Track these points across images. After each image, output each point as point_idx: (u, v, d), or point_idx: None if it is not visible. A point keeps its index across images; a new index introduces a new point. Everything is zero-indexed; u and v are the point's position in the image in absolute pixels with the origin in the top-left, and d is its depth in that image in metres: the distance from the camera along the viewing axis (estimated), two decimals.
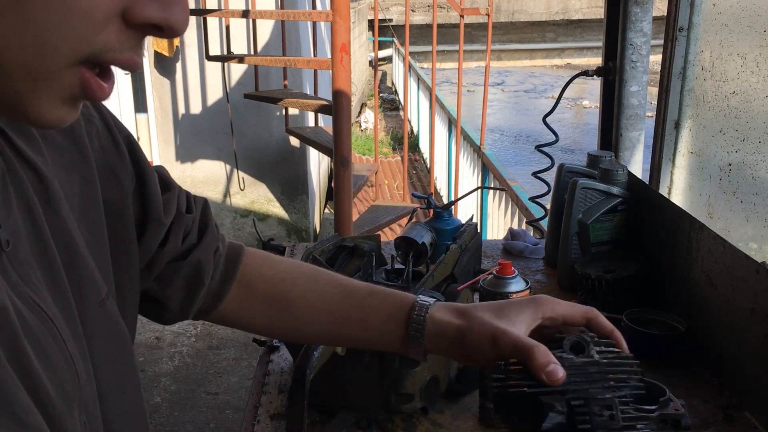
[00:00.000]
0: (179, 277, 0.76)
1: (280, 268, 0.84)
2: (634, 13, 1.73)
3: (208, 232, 0.79)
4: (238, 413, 3.05)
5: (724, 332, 1.12)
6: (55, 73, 0.43)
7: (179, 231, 0.76)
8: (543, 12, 18.10)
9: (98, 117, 0.65)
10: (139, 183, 0.69)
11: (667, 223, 1.32)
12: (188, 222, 0.77)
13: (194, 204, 0.80)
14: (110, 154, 0.65)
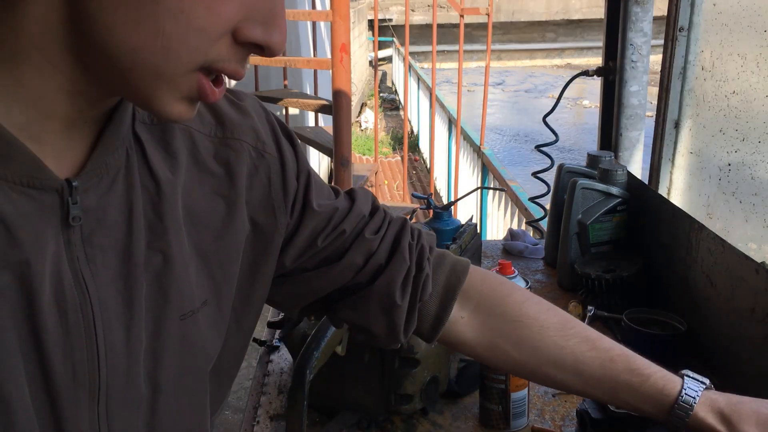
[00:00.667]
0: (372, 303, 0.79)
1: (523, 308, 0.83)
2: (634, 13, 1.73)
3: (398, 254, 0.80)
4: (238, 413, 3.05)
5: (724, 332, 1.12)
6: (177, 76, 0.51)
7: (359, 252, 0.78)
8: (543, 12, 18.10)
9: (276, 157, 0.72)
10: (300, 216, 0.75)
11: (667, 223, 1.32)
12: (372, 243, 0.79)
13: (387, 226, 0.81)
14: (276, 191, 0.72)
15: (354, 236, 0.79)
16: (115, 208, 0.58)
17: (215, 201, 0.67)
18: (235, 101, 0.72)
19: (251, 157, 0.70)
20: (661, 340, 1.20)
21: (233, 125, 0.70)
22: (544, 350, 0.81)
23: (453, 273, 0.83)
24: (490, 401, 1.04)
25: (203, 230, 0.66)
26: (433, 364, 1.06)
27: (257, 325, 0.79)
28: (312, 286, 0.79)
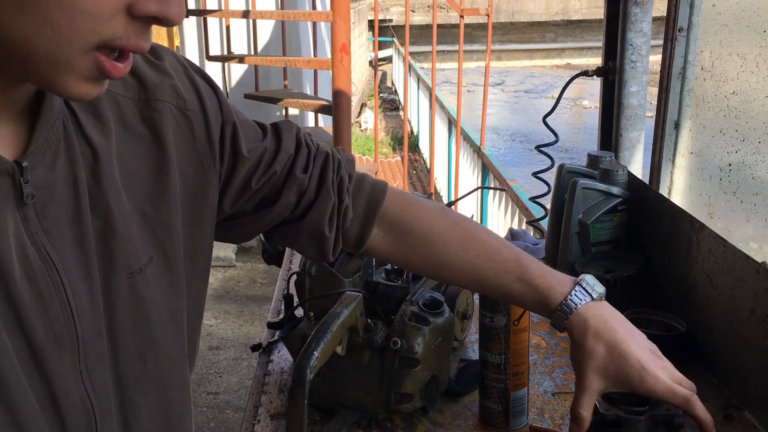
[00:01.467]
0: (303, 236, 0.88)
1: (429, 226, 0.92)
2: (634, 13, 1.73)
3: (323, 189, 0.87)
4: (238, 413, 3.05)
5: (724, 332, 1.12)
6: (72, 59, 0.52)
7: (291, 191, 0.85)
8: (543, 12, 18.10)
9: (199, 113, 0.75)
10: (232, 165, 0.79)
11: (667, 223, 1.32)
12: (302, 181, 0.86)
13: (313, 162, 0.88)
14: (202, 145, 0.76)
15: (285, 175, 0.85)
16: (61, 180, 0.61)
17: (147, 162, 0.70)
18: (154, 62, 0.73)
19: (174, 116, 0.73)
20: (661, 340, 1.19)
21: (154, 86, 0.72)
22: (447, 263, 0.91)
23: (372, 198, 0.92)
24: (489, 400, 1.04)
25: (140, 191, 0.69)
26: (433, 363, 1.06)
27: (258, 325, 0.81)
28: (254, 228, 0.86)
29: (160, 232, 0.70)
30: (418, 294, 1.11)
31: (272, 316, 1.43)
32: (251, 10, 3.73)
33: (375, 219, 0.92)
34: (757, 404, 1.03)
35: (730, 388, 1.10)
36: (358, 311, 1.03)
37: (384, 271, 1.26)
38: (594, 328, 0.84)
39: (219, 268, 4.80)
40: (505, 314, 1.01)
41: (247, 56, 4.19)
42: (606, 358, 0.83)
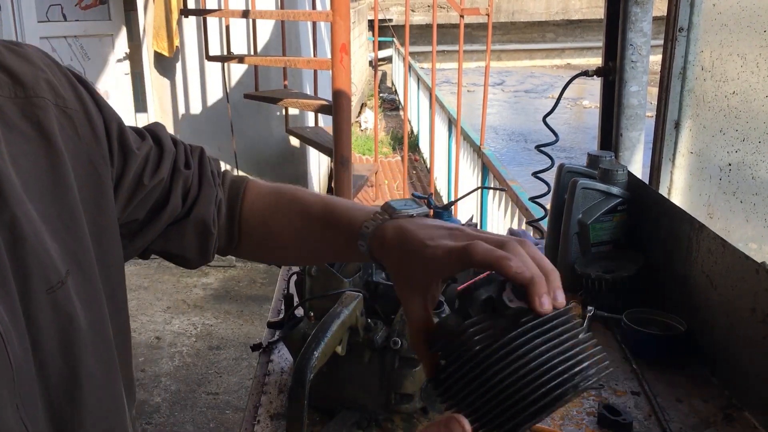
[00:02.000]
0: (189, 233, 0.81)
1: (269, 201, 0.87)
2: (634, 13, 1.73)
3: (205, 182, 0.83)
4: (238, 413, 3.05)
5: (724, 332, 1.12)
6: None
7: (178, 189, 0.79)
8: (543, 12, 18.10)
9: (80, 110, 0.69)
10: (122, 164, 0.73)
11: (667, 223, 1.32)
12: (187, 177, 0.81)
13: (191, 156, 0.83)
14: (89, 143, 0.69)
15: (171, 173, 0.80)
16: None
17: (40, 163, 0.63)
18: (17, 51, 0.66)
19: (56, 114, 0.66)
20: (661, 340, 1.20)
21: (30, 82, 0.64)
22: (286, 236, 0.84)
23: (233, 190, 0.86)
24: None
25: (40, 195, 0.62)
26: None
27: (258, 325, 0.80)
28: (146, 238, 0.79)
29: (69, 240, 0.63)
30: None
31: (272, 316, 1.43)
32: (251, 10, 3.73)
33: (237, 214, 0.85)
34: (757, 404, 1.03)
35: (730, 388, 1.10)
36: (358, 311, 1.03)
37: (384, 271, 1.26)
38: (391, 241, 0.68)
39: (219, 268, 4.80)
40: None
41: (246, 56, 4.19)
42: (400, 261, 0.67)
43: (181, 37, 4.69)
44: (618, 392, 1.12)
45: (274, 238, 0.86)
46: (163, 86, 4.83)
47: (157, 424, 3.04)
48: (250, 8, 3.83)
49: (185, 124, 4.87)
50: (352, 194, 3.25)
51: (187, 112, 4.86)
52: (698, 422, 1.03)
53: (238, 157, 4.83)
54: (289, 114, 4.32)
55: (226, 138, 4.79)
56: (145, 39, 4.79)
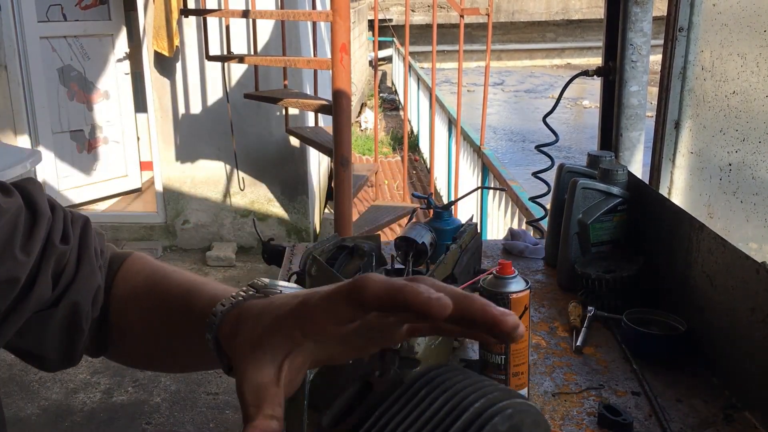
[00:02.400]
0: (53, 327, 0.61)
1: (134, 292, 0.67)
2: (634, 13, 1.73)
3: (85, 263, 0.63)
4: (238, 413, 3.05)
5: (724, 332, 1.12)
6: None
7: (49, 270, 0.60)
8: (543, 12, 18.09)
9: None
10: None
11: (667, 223, 1.32)
12: (62, 254, 0.61)
13: (71, 228, 0.64)
14: None
15: (43, 247, 0.60)
16: None
17: None
18: None
19: None
20: (661, 340, 1.20)
21: None
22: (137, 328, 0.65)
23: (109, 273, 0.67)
24: None
25: None
26: (433, 363, 1.06)
27: None
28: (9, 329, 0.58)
29: None
30: None
31: None
32: (251, 10, 3.73)
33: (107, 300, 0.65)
34: (757, 404, 1.03)
35: (730, 388, 1.10)
36: None
37: (384, 271, 1.26)
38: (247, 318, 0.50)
39: (219, 268, 4.80)
40: None
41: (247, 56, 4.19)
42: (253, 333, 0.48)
43: (181, 37, 4.69)
44: (618, 392, 1.12)
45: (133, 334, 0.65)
46: (163, 86, 4.83)
47: (156, 424, 3.04)
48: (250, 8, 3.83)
49: (185, 124, 4.88)
50: (352, 194, 3.25)
51: (187, 112, 4.86)
52: (698, 422, 1.03)
53: (237, 157, 4.83)
54: (289, 114, 4.32)
55: (226, 138, 4.78)
56: (145, 39, 4.79)
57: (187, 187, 5.01)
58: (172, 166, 4.95)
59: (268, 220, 5.05)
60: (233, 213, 5.06)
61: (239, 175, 4.92)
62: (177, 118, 4.87)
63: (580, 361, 1.21)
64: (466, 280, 1.25)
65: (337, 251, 1.28)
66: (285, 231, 5.06)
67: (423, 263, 1.31)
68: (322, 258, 1.22)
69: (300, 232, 5.06)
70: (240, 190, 4.97)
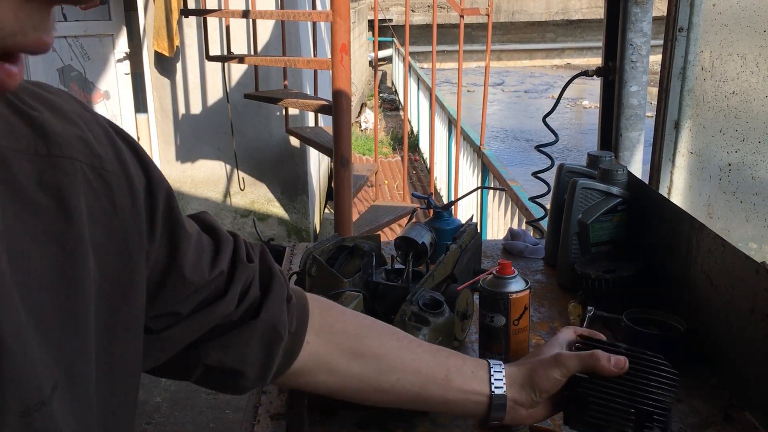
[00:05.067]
0: (255, 339, 0.70)
1: (356, 321, 0.85)
2: (634, 13, 1.73)
3: (275, 281, 0.73)
4: (238, 413, 3.05)
5: (724, 332, 1.12)
6: None
7: (238, 285, 0.68)
8: (543, 12, 18.10)
9: (120, 174, 0.55)
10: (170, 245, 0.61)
11: (667, 223, 1.32)
12: (248, 272, 0.69)
13: (253, 251, 0.73)
14: (125, 217, 0.55)
15: (231, 265, 0.68)
16: None
17: (47, 246, 0.48)
18: (48, 98, 0.53)
19: (88, 179, 0.52)
20: (661, 340, 1.20)
21: (58, 137, 0.51)
22: (384, 355, 0.81)
23: (299, 302, 0.78)
24: None
25: (38, 288, 0.47)
26: None
27: None
28: (185, 334, 0.64)
29: (65, 345, 0.49)
30: (418, 294, 1.11)
31: None
32: (251, 10, 3.73)
33: (307, 325, 0.78)
34: (757, 404, 1.03)
35: (730, 388, 1.10)
36: (358, 311, 1.03)
37: (384, 271, 1.26)
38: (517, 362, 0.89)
39: None
40: (505, 314, 1.01)
41: (247, 56, 4.19)
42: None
43: (181, 37, 4.69)
44: None
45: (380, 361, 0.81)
46: (164, 86, 4.83)
47: (157, 424, 3.04)
48: (250, 8, 3.83)
49: (185, 124, 4.88)
50: (352, 194, 3.25)
51: (187, 112, 4.86)
52: (698, 422, 1.03)
53: (238, 157, 4.83)
54: (289, 114, 4.33)
55: (226, 138, 4.79)
56: (145, 39, 4.79)
57: (187, 187, 5.02)
58: (172, 166, 4.95)
59: (268, 220, 5.05)
60: (233, 213, 5.06)
61: (239, 175, 4.92)
62: (177, 118, 4.87)
63: None
64: (466, 280, 1.25)
65: (337, 251, 1.28)
66: (285, 231, 5.06)
67: (423, 263, 1.31)
68: (322, 258, 1.22)
69: (300, 232, 5.06)
70: (240, 190, 4.97)
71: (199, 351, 0.67)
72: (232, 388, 0.73)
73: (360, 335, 0.82)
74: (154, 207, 0.58)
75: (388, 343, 0.82)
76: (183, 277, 0.62)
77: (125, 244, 0.55)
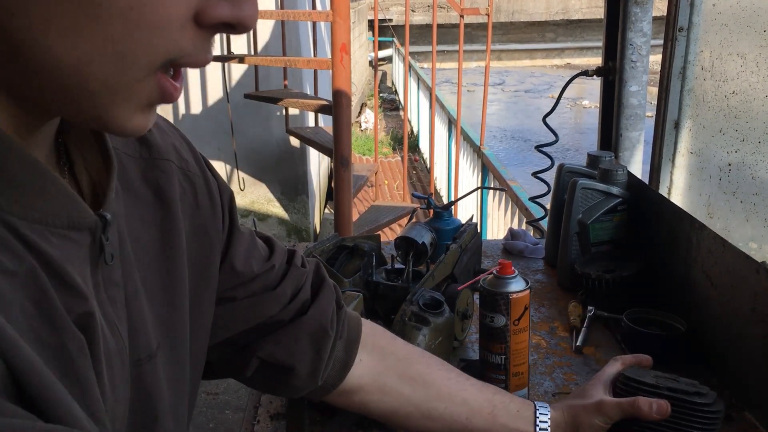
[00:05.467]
0: (303, 334, 0.75)
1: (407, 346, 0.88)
2: (634, 13, 1.73)
3: (325, 287, 0.80)
4: (238, 413, 3.05)
5: (724, 332, 1.12)
6: (134, 84, 0.43)
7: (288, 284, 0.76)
8: (543, 12, 18.09)
9: (200, 176, 0.66)
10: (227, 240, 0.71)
11: (667, 223, 1.32)
12: (300, 275, 0.77)
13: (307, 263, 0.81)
14: (206, 213, 0.66)
15: (284, 266, 0.77)
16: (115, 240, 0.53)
17: (152, 231, 0.59)
18: None
19: (180, 178, 0.64)
20: (661, 340, 1.20)
21: (157, 144, 0.62)
22: (433, 382, 0.84)
23: (353, 320, 0.84)
24: None
25: (147, 264, 0.58)
26: None
27: None
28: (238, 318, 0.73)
29: (166, 313, 0.60)
30: (418, 294, 1.11)
31: None
32: None
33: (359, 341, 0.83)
34: (757, 404, 1.03)
35: (730, 388, 1.10)
36: (358, 311, 1.03)
37: (384, 271, 1.26)
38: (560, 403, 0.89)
39: None
40: (506, 314, 1.01)
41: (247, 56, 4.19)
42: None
43: None
44: None
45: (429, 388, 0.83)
46: None
47: None
48: None
49: (185, 124, 4.88)
50: (352, 194, 3.25)
51: (187, 112, 4.86)
52: None
53: (238, 157, 4.83)
54: (289, 114, 4.33)
55: (226, 138, 4.79)
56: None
57: None
58: None
59: (268, 220, 5.05)
60: None
61: (239, 175, 4.93)
62: (177, 118, 4.87)
63: (581, 361, 1.21)
64: (466, 280, 1.25)
65: (337, 251, 1.28)
66: (285, 231, 5.06)
67: (423, 263, 1.31)
68: (322, 258, 1.22)
69: (300, 232, 5.06)
70: (240, 190, 4.97)
71: (253, 345, 0.74)
72: (285, 386, 0.79)
73: (410, 360, 0.85)
74: (223, 207, 0.70)
75: (437, 372, 0.85)
76: (233, 267, 0.71)
77: (208, 236, 0.66)
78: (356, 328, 0.83)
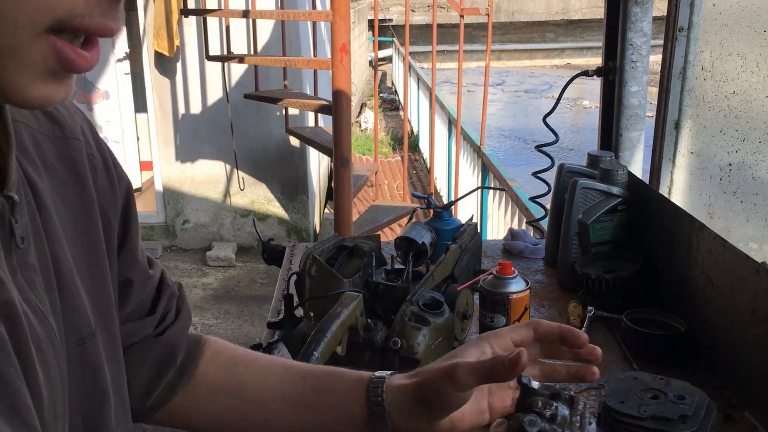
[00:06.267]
0: (151, 355, 0.72)
1: (235, 353, 0.80)
2: (634, 13, 1.73)
3: (184, 312, 0.77)
4: None
5: (724, 332, 1.12)
6: (20, 46, 0.40)
7: (165, 297, 0.74)
8: (543, 12, 18.10)
9: (99, 158, 0.64)
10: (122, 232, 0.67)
11: (667, 223, 1.32)
12: (172, 298, 0.75)
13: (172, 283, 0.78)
14: (105, 196, 0.64)
15: (159, 280, 0.74)
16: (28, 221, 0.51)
17: (73, 209, 0.59)
18: None
19: (87, 158, 0.62)
20: (661, 340, 1.20)
21: (67, 123, 0.61)
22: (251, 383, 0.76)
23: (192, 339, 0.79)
24: None
25: (74, 241, 0.58)
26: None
27: (257, 325, 0.77)
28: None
29: (97, 293, 0.59)
30: (418, 294, 1.11)
31: (272, 316, 1.43)
32: (251, 10, 3.73)
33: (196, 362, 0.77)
34: (757, 404, 1.03)
35: (730, 388, 1.10)
36: (358, 311, 1.03)
37: (384, 271, 1.26)
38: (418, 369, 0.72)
39: (219, 268, 4.80)
40: (505, 314, 1.01)
41: (247, 56, 4.19)
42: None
43: (181, 37, 4.69)
44: None
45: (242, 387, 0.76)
46: (163, 86, 4.83)
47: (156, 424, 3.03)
48: (250, 8, 3.83)
49: (185, 124, 4.88)
50: (352, 194, 3.25)
51: (187, 112, 4.87)
52: None
53: (238, 157, 4.83)
54: (289, 114, 4.33)
55: (226, 138, 4.79)
56: (145, 39, 4.79)
57: (187, 187, 5.02)
58: (172, 166, 4.95)
59: (268, 220, 5.05)
60: (233, 213, 5.06)
61: (239, 175, 4.92)
62: (177, 118, 4.87)
63: None
64: (466, 281, 1.25)
65: (337, 251, 1.28)
66: (285, 231, 5.06)
67: (423, 263, 1.31)
68: (322, 258, 1.22)
69: (300, 232, 5.06)
70: (240, 190, 4.97)
71: None
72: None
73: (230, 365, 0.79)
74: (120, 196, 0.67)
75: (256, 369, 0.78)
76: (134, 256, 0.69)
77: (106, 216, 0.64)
78: (193, 353, 0.77)
